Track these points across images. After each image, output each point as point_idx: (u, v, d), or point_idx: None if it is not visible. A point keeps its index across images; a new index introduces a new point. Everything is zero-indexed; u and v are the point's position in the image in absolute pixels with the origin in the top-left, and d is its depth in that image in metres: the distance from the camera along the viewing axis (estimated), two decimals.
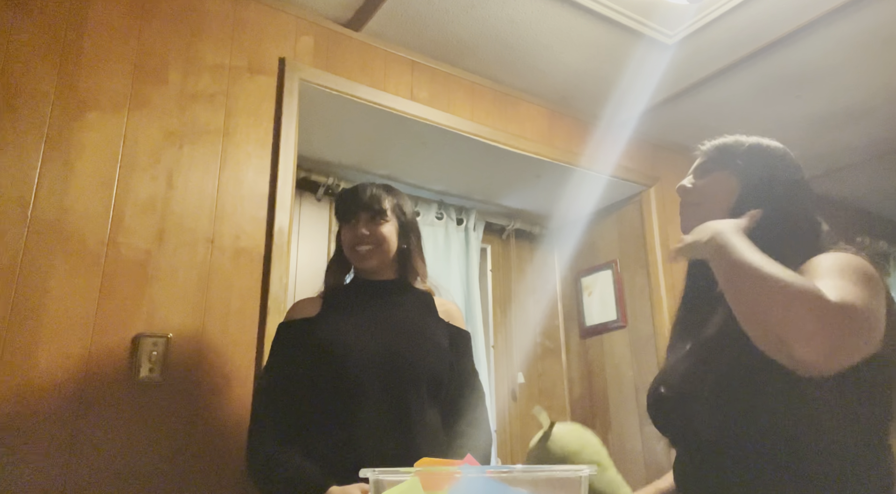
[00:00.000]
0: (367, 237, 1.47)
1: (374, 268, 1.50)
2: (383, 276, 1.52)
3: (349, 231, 1.49)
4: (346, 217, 1.51)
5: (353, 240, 1.48)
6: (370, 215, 1.48)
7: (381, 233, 1.48)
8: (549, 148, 2.54)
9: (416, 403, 1.36)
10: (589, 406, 2.94)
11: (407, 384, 1.36)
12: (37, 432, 1.39)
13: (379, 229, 1.48)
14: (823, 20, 2.09)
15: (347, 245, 1.50)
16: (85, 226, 1.55)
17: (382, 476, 0.62)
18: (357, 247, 1.47)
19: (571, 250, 3.15)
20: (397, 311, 1.48)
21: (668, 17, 2.10)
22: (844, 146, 2.97)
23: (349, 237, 1.49)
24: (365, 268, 1.50)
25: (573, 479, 0.60)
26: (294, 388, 1.38)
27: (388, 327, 1.43)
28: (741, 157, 1.10)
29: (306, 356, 1.39)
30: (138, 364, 1.53)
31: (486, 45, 2.25)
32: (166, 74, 1.75)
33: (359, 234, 1.47)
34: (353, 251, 1.48)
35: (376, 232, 1.47)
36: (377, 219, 1.48)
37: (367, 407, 1.32)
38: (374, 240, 1.47)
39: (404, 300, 1.51)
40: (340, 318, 1.44)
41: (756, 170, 1.08)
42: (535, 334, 3.12)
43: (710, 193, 1.10)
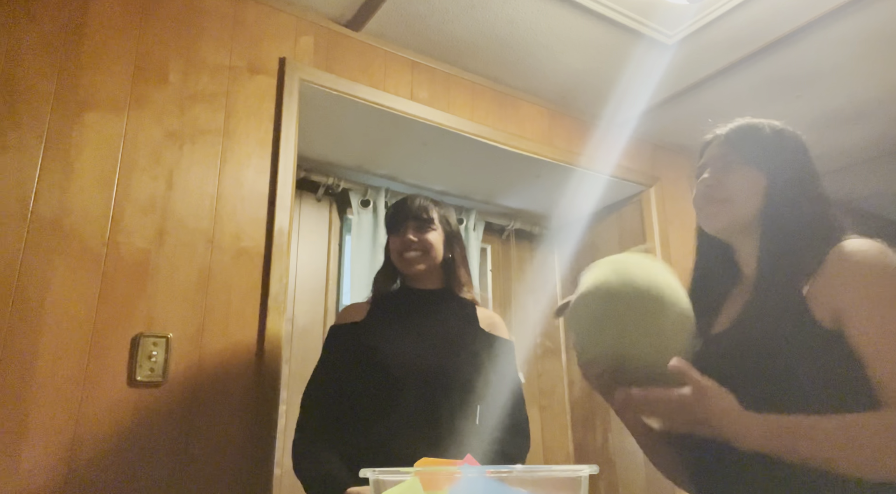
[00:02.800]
0: (414, 243, 1.53)
1: (421, 274, 1.56)
2: (429, 285, 1.58)
3: (398, 238, 1.56)
4: (395, 226, 1.57)
5: (401, 247, 1.54)
6: (418, 223, 1.55)
7: (428, 240, 1.55)
8: (549, 148, 2.54)
9: (447, 409, 1.40)
10: (589, 406, 2.94)
11: (440, 391, 1.41)
12: (36, 432, 1.39)
13: (426, 236, 1.55)
14: (823, 20, 2.09)
15: (396, 252, 1.56)
16: (85, 225, 1.55)
17: (382, 476, 0.62)
18: (405, 253, 1.54)
19: (571, 250, 3.15)
20: (439, 320, 1.53)
21: (668, 17, 2.10)
22: (844, 146, 2.97)
23: (397, 244, 1.56)
24: (412, 274, 1.56)
25: (573, 479, 0.60)
26: (338, 388, 1.45)
27: (429, 335, 1.49)
28: (764, 148, 1.06)
29: (351, 358, 1.46)
30: (138, 364, 1.53)
31: (486, 45, 2.25)
32: (166, 74, 1.75)
33: (406, 241, 1.54)
34: (401, 258, 1.55)
35: (423, 239, 1.54)
36: (424, 227, 1.55)
37: (402, 410, 1.37)
38: (422, 246, 1.54)
39: (447, 309, 1.56)
40: (385, 324, 1.51)
41: (780, 161, 1.05)
42: (535, 334, 3.12)
43: (738, 190, 1.05)
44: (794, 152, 1.08)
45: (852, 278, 0.91)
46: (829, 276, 0.93)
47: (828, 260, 0.94)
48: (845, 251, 0.94)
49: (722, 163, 1.08)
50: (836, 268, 0.93)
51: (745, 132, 1.09)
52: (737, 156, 1.07)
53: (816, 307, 0.92)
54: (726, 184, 1.06)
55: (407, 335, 1.48)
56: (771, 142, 1.07)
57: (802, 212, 1.02)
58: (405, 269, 1.56)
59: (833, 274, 0.93)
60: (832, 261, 0.94)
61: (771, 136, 1.08)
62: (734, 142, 1.09)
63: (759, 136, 1.08)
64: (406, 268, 1.55)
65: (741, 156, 1.07)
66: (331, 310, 2.51)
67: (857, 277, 0.91)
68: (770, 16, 2.08)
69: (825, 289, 0.93)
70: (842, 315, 0.90)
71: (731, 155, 1.08)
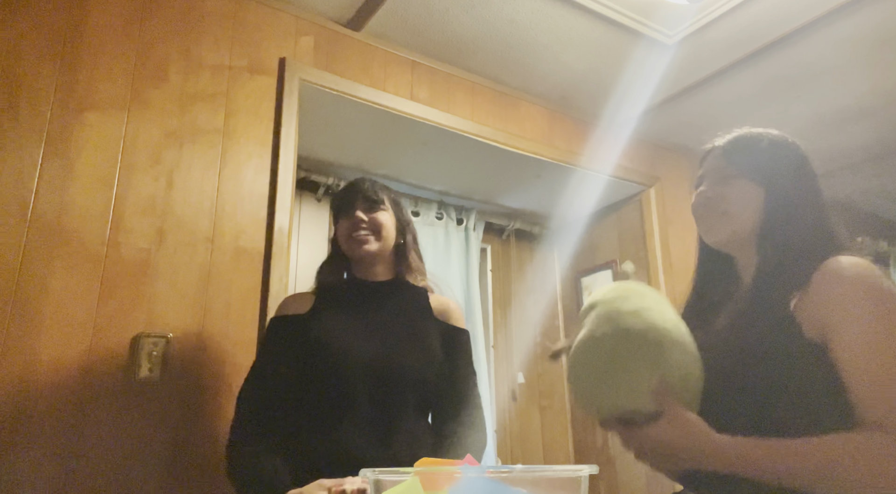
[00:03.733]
0: (364, 222, 1.44)
1: (371, 258, 1.46)
2: (379, 277, 1.49)
3: (347, 220, 1.46)
4: (343, 208, 1.48)
5: (351, 228, 1.44)
6: (367, 204, 1.46)
7: (379, 219, 1.45)
8: (549, 148, 2.54)
9: (401, 409, 1.33)
10: None
11: (392, 390, 1.33)
12: (37, 431, 1.39)
13: (376, 216, 1.46)
14: (823, 20, 2.09)
15: (345, 234, 1.46)
16: (85, 226, 1.55)
17: (382, 476, 0.62)
18: (354, 233, 1.44)
19: (571, 250, 3.15)
20: (391, 314, 1.44)
21: (668, 17, 2.10)
22: (844, 146, 2.97)
23: (347, 226, 1.46)
24: (362, 256, 1.45)
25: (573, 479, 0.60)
26: (280, 385, 1.35)
27: (380, 331, 1.40)
28: (760, 161, 1.07)
29: (296, 354, 1.36)
30: (138, 364, 1.53)
31: (486, 45, 2.25)
32: (166, 74, 1.75)
33: (356, 220, 1.44)
34: (351, 239, 1.45)
35: (373, 218, 1.45)
36: (374, 208, 1.46)
37: (352, 410, 1.30)
38: (372, 225, 1.45)
39: (399, 301, 1.47)
40: (332, 318, 1.40)
41: (777, 174, 1.06)
42: (535, 334, 3.12)
43: (736, 203, 1.06)
44: (792, 164, 1.08)
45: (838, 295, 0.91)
46: (816, 292, 0.94)
47: (816, 275, 0.95)
48: (832, 268, 0.94)
49: (720, 175, 1.09)
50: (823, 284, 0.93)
51: (742, 144, 1.10)
52: (734, 169, 1.08)
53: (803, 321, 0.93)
54: (724, 197, 1.07)
55: (358, 331, 1.38)
56: (768, 154, 1.08)
57: (799, 226, 1.03)
58: (354, 251, 1.45)
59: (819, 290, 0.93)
60: (820, 277, 0.94)
61: (768, 148, 1.09)
62: (731, 154, 1.09)
63: (757, 148, 1.08)
64: (355, 249, 1.44)
65: (738, 169, 1.07)
66: None
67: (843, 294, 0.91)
68: (770, 16, 2.08)
69: (812, 305, 0.94)
70: (826, 331, 0.91)
71: (729, 168, 1.08)
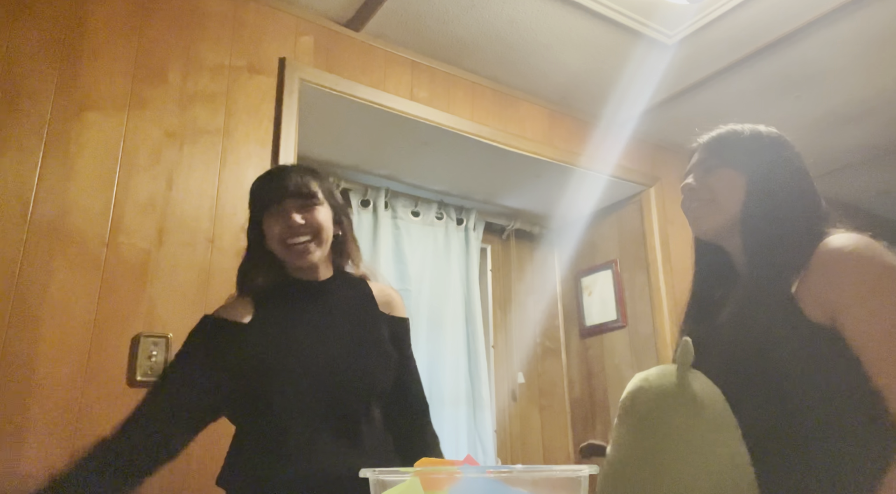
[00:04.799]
0: (302, 227, 1.22)
1: (312, 263, 1.27)
2: (318, 275, 1.30)
3: (276, 222, 1.23)
4: (270, 205, 1.24)
5: (286, 233, 1.22)
6: (301, 201, 1.24)
7: (318, 219, 1.24)
8: (549, 148, 2.54)
9: (366, 416, 1.23)
10: (589, 406, 2.94)
11: (356, 398, 1.22)
12: (37, 431, 1.39)
13: (314, 216, 1.24)
14: (823, 20, 2.09)
15: (277, 239, 1.23)
16: (85, 226, 1.55)
17: (383, 476, 0.62)
18: (291, 240, 1.22)
19: (571, 250, 3.15)
20: (341, 316, 1.30)
21: (668, 17, 2.10)
22: (844, 146, 2.97)
23: (278, 229, 1.23)
24: (303, 266, 1.27)
25: (573, 479, 0.60)
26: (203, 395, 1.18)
27: (335, 337, 1.26)
28: (742, 151, 1.10)
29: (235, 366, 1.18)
30: (138, 364, 1.53)
31: (486, 45, 2.25)
32: (166, 74, 1.75)
33: (292, 225, 1.21)
34: (287, 247, 1.23)
35: (312, 219, 1.23)
36: (310, 205, 1.24)
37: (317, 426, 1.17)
38: (311, 229, 1.23)
39: (345, 299, 1.33)
40: (280, 327, 1.24)
41: (758, 162, 1.08)
42: (535, 334, 3.12)
43: (719, 189, 1.08)
44: (772, 150, 1.10)
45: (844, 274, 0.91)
46: (820, 273, 0.93)
47: (816, 256, 0.95)
48: (833, 246, 0.94)
49: (703, 167, 1.12)
50: (825, 264, 0.93)
51: (722, 137, 1.13)
52: (716, 159, 1.11)
53: (807, 304, 0.93)
54: (709, 186, 1.10)
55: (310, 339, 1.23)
56: (748, 142, 1.11)
57: (783, 208, 1.04)
58: (293, 260, 1.25)
59: (823, 271, 0.93)
60: (821, 257, 0.94)
61: (748, 138, 1.12)
62: (713, 147, 1.13)
63: (737, 139, 1.12)
64: (295, 259, 1.24)
65: (720, 159, 1.10)
66: None
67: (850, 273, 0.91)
68: (770, 16, 2.08)
69: (816, 286, 0.93)
70: (837, 313, 0.90)
71: (711, 159, 1.12)
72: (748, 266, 1.05)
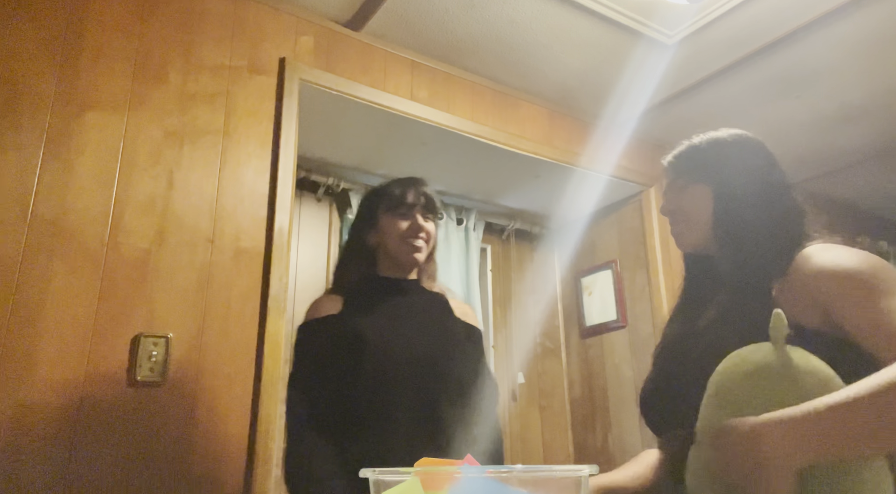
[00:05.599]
0: (423, 232, 1.45)
1: (417, 263, 1.47)
2: (403, 274, 1.49)
3: (405, 222, 1.44)
4: (401, 208, 1.46)
5: (412, 232, 1.44)
6: (426, 212, 1.47)
7: (432, 230, 1.48)
8: (549, 148, 2.54)
9: (448, 407, 1.34)
10: (589, 406, 2.94)
11: (438, 387, 1.34)
12: (37, 431, 1.39)
13: (430, 227, 1.48)
14: (823, 20, 2.09)
15: (399, 236, 1.44)
16: (85, 225, 1.55)
17: (382, 476, 0.62)
18: (412, 239, 1.44)
19: (571, 250, 3.15)
20: (422, 312, 1.45)
21: (668, 17, 2.10)
22: (844, 146, 2.97)
23: (406, 227, 1.44)
24: (409, 263, 1.46)
25: (573, 479, 0.60)
26: (327, 388, 1.33)
27: (416, 328, 1.41)
28: (703, 163, 1.12)
29: (336, 353, 1.34)
30: (138, 364, 1.53)
31: (486, 45, 2.25)
32: (166, 74, 1.75)
33: (418, 226, 1.44)
34: (407, 243, 1.44)
35: (429, 229, 1.47)
36: (431, 217, 1.48)
37: (401, 408, 1.30)
38: (428, 236, 1.46)
39: (425, 299, 1.49)
40: (368, 315, 1.39)
41: (720, 170, 1.10)
42: (535, 334, 3.12)
43: (690, 209, 1.12)
44: (734, 155, 1.11)
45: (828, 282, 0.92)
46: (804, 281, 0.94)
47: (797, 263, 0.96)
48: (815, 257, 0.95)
49: (674, 188, 1.16)
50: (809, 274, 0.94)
51: (683, 154, 1.16)
52: (683, 178, 1.14)
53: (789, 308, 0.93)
54: (682, 206, 1.13)
55: (395, 327, 1.38)
56: (707, 154, 1.13)
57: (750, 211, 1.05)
58: (405, 256, 1.44)
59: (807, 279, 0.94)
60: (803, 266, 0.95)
61: (706, 149, 1.14)
62: (677, 166, 1.16)
63: (695, 153, 1.14)
64: (406, 255, 1.44)
65: (688, 177, 1.13)
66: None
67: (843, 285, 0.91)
68: (770, 16, 2.08)
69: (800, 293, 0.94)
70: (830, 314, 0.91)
71: (679, 179, 1.15)
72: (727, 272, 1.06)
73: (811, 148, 2.96)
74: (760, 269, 1.00)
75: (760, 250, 1.01)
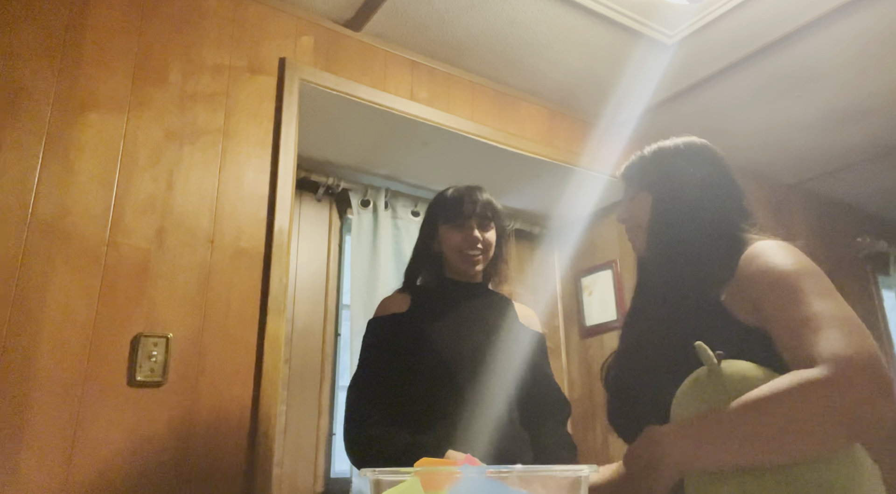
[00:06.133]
0: (479, 243, 1.48)
1: (475, 272, 1.51)
2: (471, 278, 1.53)
3: (460, 233, 1.49)
4: (457, 218, 1.50)
5: (467, 244, 1.48)
6: (482, 221, 1.50)
7: (489, 240, 1.50)
8: (549, 148, 2.54)
9: (507, 405, 1.38)
10: (589, 406, 2.94)
11: (497, 386, 1.37)
12: (36, 432, 1.39)
13: (487, 236, 1.50)
14: (823, 20, 2.09)
15: (456, 247, 1.49)
16: (85, 226, 1.55)
17: (382, 476, 0.62)
18: (468, 250, 1.48)
19: (571, 250, 3.15)
20: (485, 314, 1.49)
21: (668, 17, 2.10)
22: (844, 146, 2.97)
23: (460, 239, 1.48)
24: (469, 272, 1.51)
25: (573, 479, 0.60)
26: (390, 382, 1.37)
27: (480, 329, 1.45)
28: (645, 172, 1.16)
29: (402, 349, 1.39)
30: (138, 364, 1.53)
31: (486, 45, 2.25)
32: (166, 74, 1.75)
33: (473, 238, 1.48)
34: (463, 254, 1.48)
35: (486, 239, 1.49)
36: (486, 226, 1.51)
37: (462, 404, 1.33)
38: (485, 246, 1.49)
39: (490, 303, 1.53)
40: (434, 315, 1.45)
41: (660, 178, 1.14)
42: None
43: (639, 214, 1.16)
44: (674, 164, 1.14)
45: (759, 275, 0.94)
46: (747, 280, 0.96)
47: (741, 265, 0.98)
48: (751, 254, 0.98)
49: (626, 198, 1.21)
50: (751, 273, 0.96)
51: (632, 164, 1.21)
52: (632, 188, 1.19)
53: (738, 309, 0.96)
54: (631, 213, 1.18)
55: (460, 328, 1.43)
56: (649, 163, 1.17)
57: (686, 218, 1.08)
58: (464, 266, 1.49)
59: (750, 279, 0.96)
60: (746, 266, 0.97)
61: (649, 158, 1.18)
62: (627, 176, 1.21)
63: (640, 162, 1.19)
64: (465, 265, 1.49)
65: (635, 187, 1.18)
66: (331, 311, 2.51)
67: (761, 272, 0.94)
68: (770, 16, 2.08)
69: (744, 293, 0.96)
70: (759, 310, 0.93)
71: (630, 188, 1.20)
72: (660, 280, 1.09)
73: (811, 148, 2.96)
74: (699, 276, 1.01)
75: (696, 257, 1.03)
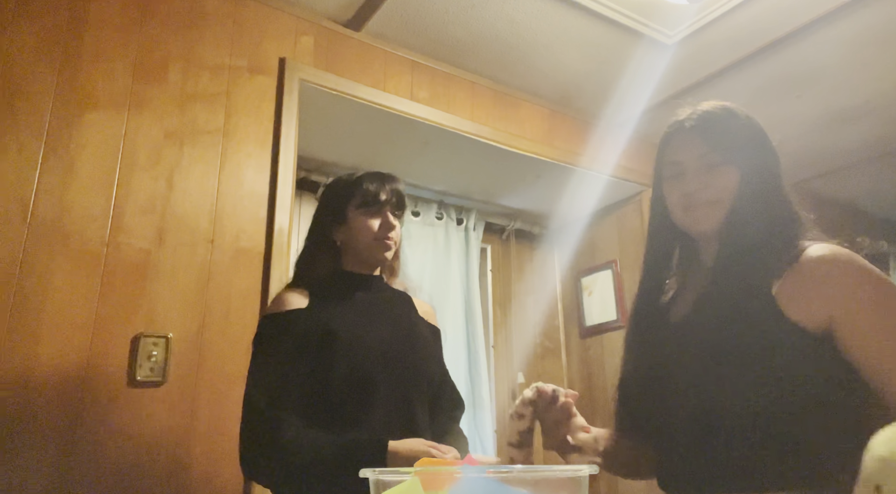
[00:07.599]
0: (393, 230, 1.40)
1: (385, 261, 1.44)
2: (370, 271, 1.44)
3: (378, 219, 1.40)
4: (374, 204, 1.40)
5: (383, 230, 1.39)
6: (395, 210, 1.43)
7: (399, 229, 1.44)
8: (549, 148, 2.54)
9: (420, 403, 1.34)
10: (589, 406, 2.94)
11: (410, 383, 1.33)
12: (36, 431, 1.39)
13: (398, 225, 1.44)
14: (823, 20, 2.09)
15: (370, 234, 1.38)
16: (85, 226, 1.55)
17: (382, 476, 0.62)
18: (383, 237, 1.39)
19: (571, 250, 3.15)
20: (389, 308, 1.43)
21: (668, 17, 2.10)
22: (844, 146, 2.97)
23: (375, 226, 1.39)
24: (379, 260, 1.42)
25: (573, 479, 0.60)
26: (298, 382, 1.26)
27: (385, 323, 1.38)
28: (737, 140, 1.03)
29: (307, 347, 1.28)
30: (138, 364, 1.53)
31: (486, 45, 2.25)
32: (166, 74, 1.75)
33: (390, 224, 1.39)
34: (378, 241, 1.39)
35: (397, 228, 1.43)
36: (400, 216, 1.45)
37: (377, 403, 1.27)
38: (397, 234, 1.43)
39: (391, 298, 1.46)
40: (338, 310, 1.34)
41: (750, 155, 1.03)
42: (535, 334, 3.12)
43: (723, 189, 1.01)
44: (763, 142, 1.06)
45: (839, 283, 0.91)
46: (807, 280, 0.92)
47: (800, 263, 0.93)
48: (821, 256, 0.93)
49: (703, 163, 1.04)
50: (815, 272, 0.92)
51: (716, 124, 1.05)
52: (717, 156, 1.02)
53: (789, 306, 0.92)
54: (711, 185, 1.02)
55: (364, 321, 1.34)
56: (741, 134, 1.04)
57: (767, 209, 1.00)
58: (376, 253, 1.40)
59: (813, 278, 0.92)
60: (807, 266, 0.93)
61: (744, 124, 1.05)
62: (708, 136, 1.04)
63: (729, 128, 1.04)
64: (377, 253, 1.40)
65: (721, 156, 1.02)
66: None
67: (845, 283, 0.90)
68: (770, 16, 2.08)
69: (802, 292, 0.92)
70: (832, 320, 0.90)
71: (711, 155, 1.03)
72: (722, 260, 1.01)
73: (811, 148, 2.96)
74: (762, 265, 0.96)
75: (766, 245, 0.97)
